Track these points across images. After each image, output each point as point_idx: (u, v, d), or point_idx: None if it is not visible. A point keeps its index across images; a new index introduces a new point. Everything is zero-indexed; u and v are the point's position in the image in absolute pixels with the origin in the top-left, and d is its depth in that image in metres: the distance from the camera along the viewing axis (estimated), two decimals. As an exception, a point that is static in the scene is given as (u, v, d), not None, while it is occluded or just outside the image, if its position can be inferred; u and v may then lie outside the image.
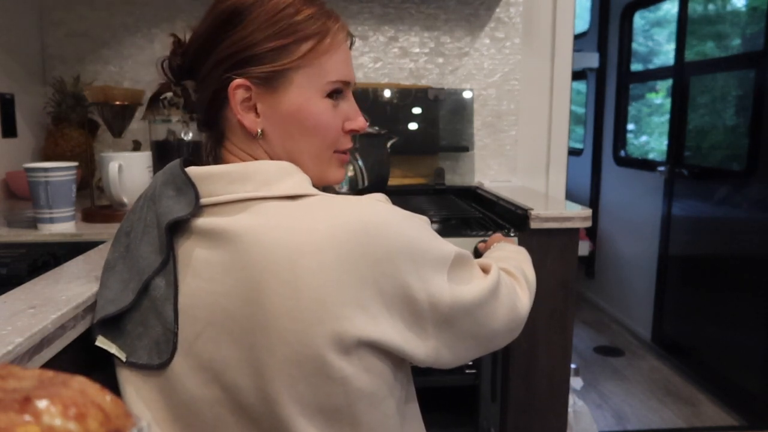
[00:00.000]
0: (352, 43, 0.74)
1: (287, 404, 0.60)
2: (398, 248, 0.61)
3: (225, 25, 0.68)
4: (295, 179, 0.66)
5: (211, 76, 0.69)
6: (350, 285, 0.59)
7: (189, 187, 0.65)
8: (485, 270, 0.74)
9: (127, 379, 0.67)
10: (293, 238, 0.59)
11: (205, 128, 0.73)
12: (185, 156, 0.72)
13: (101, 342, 0.66)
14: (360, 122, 0.74)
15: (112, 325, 0.67)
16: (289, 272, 0.58)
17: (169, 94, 0.74)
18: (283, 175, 0.65)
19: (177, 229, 0.66)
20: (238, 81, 0.67)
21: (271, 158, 0.70)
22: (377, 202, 0.65)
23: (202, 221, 0.64)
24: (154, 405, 0.66)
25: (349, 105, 0.73)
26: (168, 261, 0.65)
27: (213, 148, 0.73)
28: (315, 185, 0.69)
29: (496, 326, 0.71)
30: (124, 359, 0.66)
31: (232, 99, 0.67)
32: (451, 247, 0.67)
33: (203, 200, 0.65)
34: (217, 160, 0.73)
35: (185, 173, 0.66)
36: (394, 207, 0.66)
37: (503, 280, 0.74)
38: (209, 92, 0.69)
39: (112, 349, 0.66)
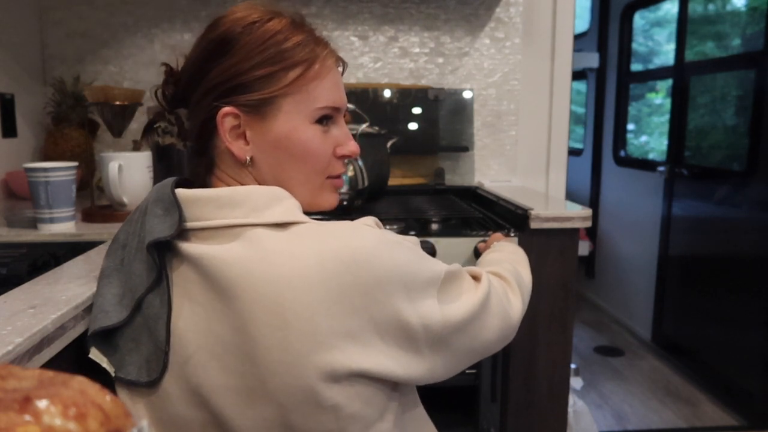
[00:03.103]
0: (344, 69, 0.75)
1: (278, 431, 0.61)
2: (388, 275, 0.61)
3: (214, 54, 0.67)
4: (285, 205, 0.65)
5: (200, 105, 0.69)
6: (340, 315, 0.59)
7: (175, 208, 0.65)
8: (476, 278, 0.74)
9: (121, 392, 0.68)
10: (281, 269, 0.59)
11: (195, 156, 0.73)
12: (186, 160, 0.72)
13: (94, 355, 0.67)
14: (351, 147, 0.74)
15: (105, 338, 0.67)
16: (278, 304, 0.58)
17: (163, 123, 0.73)
18: (273, 201, 0.65)
19: (168, 250, 0.66)
20: (226, 109, 0.67)
21: (260, 185, 0.70)
22: (365, 227, 0.64)
23: (192, 247, 0.64)
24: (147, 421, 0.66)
25: (339, 130, 0.73)
26: (161, 279, 0.65)
27: (204, 176, 0.73)
28: (306, 211, 0.69)
29: (489, 337, 0.72)
30: (113, 374, 0.66)
31: (221, 127, 0.67)
32: (440, 266, 0.67)
33: (191, 224, 0.65)
34: (208, 187, 0.72)
35: (174, 194, 0.66)
36: (383, 231, 0.65)
37: (494, 288, 0.73)
38: (199, 121, 0.69)
39: (104, 363, 0.67)
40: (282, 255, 0.60)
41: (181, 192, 0.66)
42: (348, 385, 0.60)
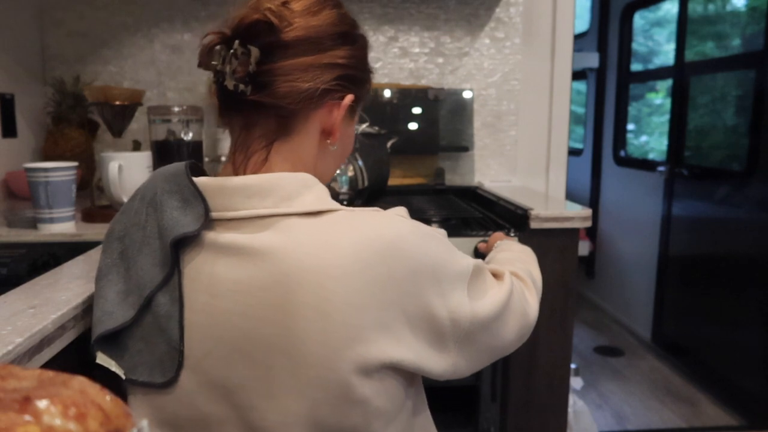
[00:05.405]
0: None
1: (304, 426, 0.59)
2: (421, 267, 0.61)
3: (339, 39, 0.68)
4: (315, 192, 0.64)
5: (315, 74, 0.65)
6: (376, 307, 0.58)
7: (198, 199, 0.62)
8: (497, 276, 0.74)
9: (130, 394, 0.65)
10: (319, 259, 0.58)
11: (253, 111, 0.66)
12: (187, 160, 0.67)
13: (101, 359, 0.64)
14: None
15: (110, 339, 0.65)
16: (317, 295, 0.57)
17: (224, 51, 0.65)
18: (303, 189, 0.63)
19: (183, 242, 0.63)
20: (352, 96, 0.69)
21: (309, 171, 0.68)
22: (399, 218, 0.64)
23: (217, 236, 0.61)
24: (157, 421, 0.64)
25: None
26: (171, 276, 0.63)
27: (252, 141, 0.67)
28: None
29: (509, 336, 0.72)
30: (123, 376, 0.64)
31: (342, 109, 0.69)
32: (468, 260, 0.67)
33: (217, 214, 0.62)
34: (251, 156, 0.67)
35: (193, 184, 0.63)
36: (415, 222, 0.65)
37: (515, 288, 0.74)
38: (307, 86, 0.65)
39: (112, 366, 0.64)
40: (318, 244, 0.58)
41: (202, 181, 0.63)
42: (378, 379, 0.60)
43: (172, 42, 1.71)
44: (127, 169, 1.19)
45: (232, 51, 0.64)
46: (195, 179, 0.64)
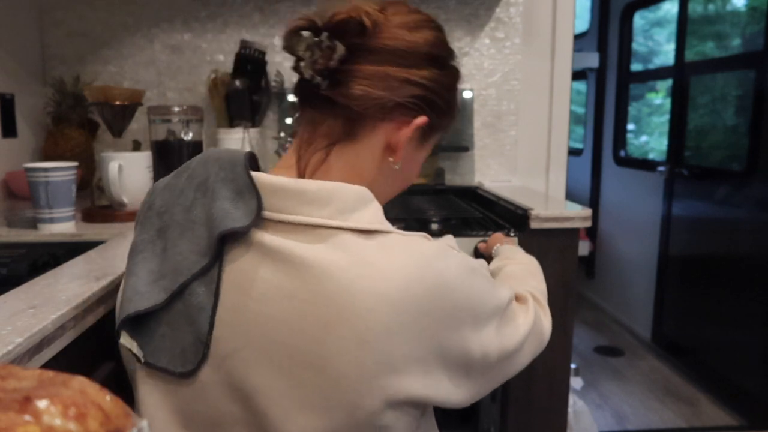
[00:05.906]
0: None
1: None
2: (464, 303, 0.60)
3: (428, 60, 0.68)
4: (371, 210, 0.63)
5: (395, 86, 0.65)
6: (415, 339, 0.57)
7: (252, 195, 0.60)
8: (520, 300, 0.75)
9: (143, 378, 0.64)
10: (370, 283, 0.56)
11: (326, 107, 0.66)
12: (246, 153, 0.65)
13: (124, 339, 0.63)
14: None
15: (134, 320, 0.63)
16: (362, 320, 0.56)
17: (310, 39, 0.65)
18: (360, 204, 0.62)
19: (229, 235, 0.61)
20: (425, 119, 0.67)
21: (365, 185, 0.66)
22: (449, 249, 0.63)
23: (266, 237, 0.60)
24: (166, 409, 0.63)
25: None
26: (211, 268, 0.61)
27: (316, 137, 0.67)
28: None
29: (526, 361, 0.73)
30: (142, 360, 0.62)
31: (410, 128, 0.67)
32: (504, 293, 0.67)
33: (269, 214, 0.61)
34: (313, 154, 0.67)
35: (250, 177, 0.61)
36: (463, 256, 0.65)
37: (536, 314, 0.75)
38: (387, 98, 0.65)
39: (134, 348, 0.62)
40: (370, 267, 0.57)
41: (260, 177, 0.61)
42: (399, 409, 0.59)
43: (172, 42, 1.71)
44: (127, 169, 1.19)
45: (317, 41, 0.64)
46: (253, 174, 0.62)
